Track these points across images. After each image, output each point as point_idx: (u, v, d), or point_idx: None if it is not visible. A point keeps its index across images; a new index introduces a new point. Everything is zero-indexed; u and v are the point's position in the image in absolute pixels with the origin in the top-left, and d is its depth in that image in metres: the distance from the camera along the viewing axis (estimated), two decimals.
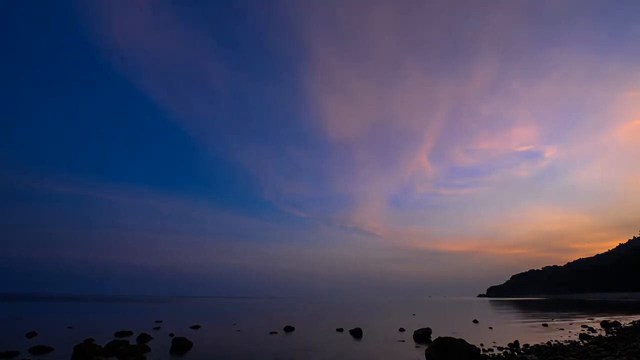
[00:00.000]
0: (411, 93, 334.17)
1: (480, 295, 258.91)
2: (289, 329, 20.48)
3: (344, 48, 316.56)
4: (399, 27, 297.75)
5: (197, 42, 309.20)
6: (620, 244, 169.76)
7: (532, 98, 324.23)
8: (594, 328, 20.13)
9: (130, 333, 17.66)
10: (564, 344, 13.76)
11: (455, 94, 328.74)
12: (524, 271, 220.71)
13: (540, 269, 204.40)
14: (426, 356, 11.37)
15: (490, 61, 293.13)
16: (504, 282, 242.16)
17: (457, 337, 11.56)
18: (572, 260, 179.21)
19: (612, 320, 23.21)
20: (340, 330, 20.08)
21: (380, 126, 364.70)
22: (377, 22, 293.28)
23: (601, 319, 26.01)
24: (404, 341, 15.62)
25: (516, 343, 13.61)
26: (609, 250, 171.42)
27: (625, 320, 24.50)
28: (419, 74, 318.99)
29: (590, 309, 46.05)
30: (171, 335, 17.06)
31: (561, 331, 19.11)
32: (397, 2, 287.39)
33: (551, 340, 14.72)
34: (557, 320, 26.77)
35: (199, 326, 22.37)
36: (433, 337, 15.33)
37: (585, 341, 14.57)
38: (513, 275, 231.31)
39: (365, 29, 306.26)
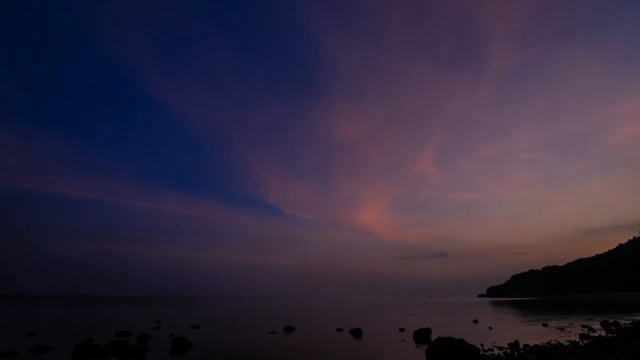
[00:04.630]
0: (419, 98, 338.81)
1: (480, 295, 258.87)
2: (289, 329, 20.47)
3: (356, 52, 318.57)
4: (410, 33, 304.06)
5: (204, 41, 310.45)
6: (620, 244, 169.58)
7: (533, 108, 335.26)
8: (594, 328, 20.13)
9: (130, 333, 17.61)
10: (564, 344, 13.75)
11: (461, 102, 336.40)
12: (524, 271, 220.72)
13: (540, 269, 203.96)
14: (426, 356, 11.37)
15: (495, 72, 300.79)
16: (504, 282, 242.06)
17: (457, 337, 11.55)
18: (572, 260, 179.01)
19: (612, 320, 23.20)
20: (340, 330, 20.06)
21: (387, 130, 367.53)
22: (389, 27, 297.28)
23: (601, 319, 25.99)
24: (404, 341, 15.61)
25: (516, 343, 13.59)
26: (609, 250, 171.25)
27: (625, 320, 24.49)
28: (427, 79, 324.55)
29: (590, 309, 46.03)
30: (171, 335, 17.03)
31: (561, 331, 19.10)
32: (408, 9, 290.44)
33: (551, 340, 14.71)
34: (557, 320, 26.77)
35: (199, 326, 22.34)
36: (433, 337, 15.31)
37: (585, 341, 14.56)
38: (513, 275, 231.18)
39: (377, 34, 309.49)
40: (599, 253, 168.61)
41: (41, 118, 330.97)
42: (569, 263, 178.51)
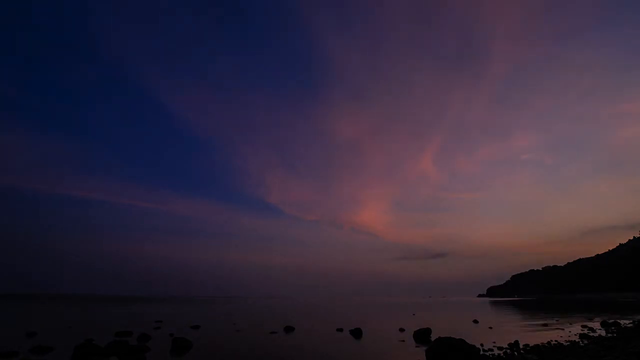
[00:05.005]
0: (419, 98, 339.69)
1: (480, 295, 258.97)
2: (289, 329, 20.47)
3: (356, 52, 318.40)
4: (410, 33, 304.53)
5: (205, 41, 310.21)
6: (620, 244, 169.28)
7: (533, 109, 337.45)
8: (594, 328, 20.13)
9: (130, 333, 17.61)
10: (564, 344, 13.75)
11: (462, 102, 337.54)
12: (524, 271, 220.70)
13: (540, 269, 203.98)
14: (426, 356, 11.36)
15: (496, 72, 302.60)
16: (504, 282, 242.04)
17: (457, 337, 11.55)
18: (572, 260, 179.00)
19: (612, 320, 23.21)
20: (340, 330, 20.06)
21: (387, 130, 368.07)
22: (389, 27, 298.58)
23: (601, 319, 26.00)
24: (404, 341, 15.61)
25: (516, 343, 13.59)
26: (609, 250, 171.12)
27: (625, 320, 24.49)
28: (428, 79, 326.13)
29: (590, 309, 46.04)
30: (171, 335, 17.02)
31: (561, 331, 19.11)
32: (408, 9, 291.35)
33: (551, 340, 14.71)
34: (557, 320, 26.77)
35: (199, 326, 22.35)
36: (433, 337, 15.32)
37: (585, 341, 14.57)
38: (513, 275, 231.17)
39: (377, 35, 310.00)
40: (599, 253, 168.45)
41: (42, 118, 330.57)
42: (569, 263, 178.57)
